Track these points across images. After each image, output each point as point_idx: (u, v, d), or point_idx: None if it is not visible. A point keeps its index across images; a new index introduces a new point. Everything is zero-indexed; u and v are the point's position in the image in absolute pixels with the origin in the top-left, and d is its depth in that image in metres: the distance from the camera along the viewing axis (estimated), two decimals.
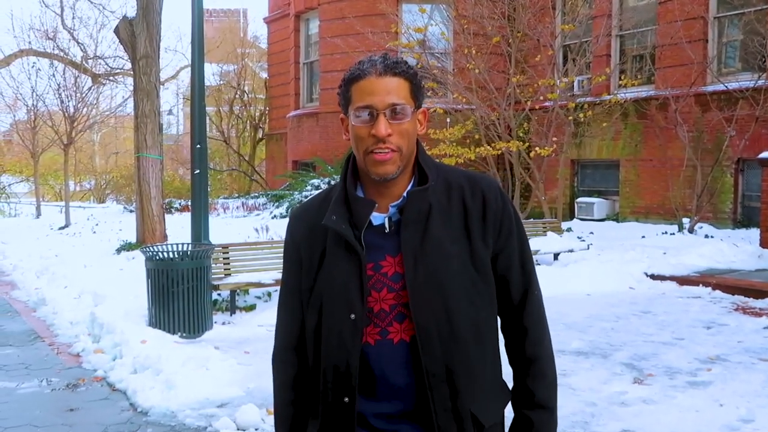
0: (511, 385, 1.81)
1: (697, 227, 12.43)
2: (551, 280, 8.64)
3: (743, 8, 13.07)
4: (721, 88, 12.82)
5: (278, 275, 7.63)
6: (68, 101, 19.88)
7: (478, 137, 13.97)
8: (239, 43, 31.25)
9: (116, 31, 12.49)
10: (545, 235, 11.33)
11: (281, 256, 1.89)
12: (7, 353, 6.73)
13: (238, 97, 29.24)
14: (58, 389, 5.64)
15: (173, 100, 37.25)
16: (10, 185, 30.18)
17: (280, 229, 11.30)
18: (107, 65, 20.14)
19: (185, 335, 6.93)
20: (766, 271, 9.56)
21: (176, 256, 7.08)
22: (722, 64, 13.83)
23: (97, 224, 17.70)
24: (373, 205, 1.70)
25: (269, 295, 8.55)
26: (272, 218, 14.93)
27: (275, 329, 1.87)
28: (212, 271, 7.52)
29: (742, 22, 13.27)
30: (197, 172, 8.92)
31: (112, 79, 20.80)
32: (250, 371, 5.67)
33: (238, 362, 5.90)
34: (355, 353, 1.65)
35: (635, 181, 14.72)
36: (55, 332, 7.53)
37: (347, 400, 1.67)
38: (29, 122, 22.64)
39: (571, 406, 4.81)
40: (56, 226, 19.00)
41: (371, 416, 1.68)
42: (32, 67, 20.97)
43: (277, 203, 16.77)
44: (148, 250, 7.20)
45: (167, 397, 5.15)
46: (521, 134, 14.26)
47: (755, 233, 11.51)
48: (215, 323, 7.47)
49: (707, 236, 11.92)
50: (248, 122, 29.54)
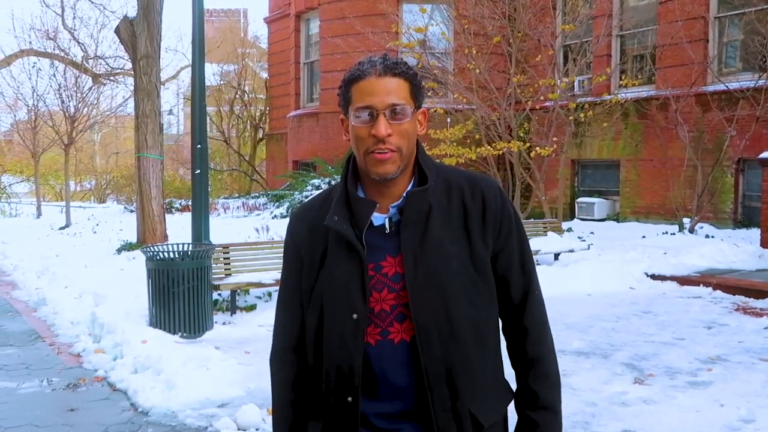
0: (514, 387, 1.81)
1: (697, 227, 12.43)
2: (552, 280, 8.64)
3: (744, 8, 13.06)
4: (721, 88, 12.81)
5: (278, 275, 7.61)
6: (69, 101, 19.88)
7: (478, 137, 13.97)
8: (239, 43, 31.25)
9: (117, 31, 12.50)
10: (546, 235, 11.32)
11: (281, 256, 1.89)
12: (7, 353, 6.73)
13: (238, 97, 29.23)
14: (58, 389, 5.64)
15: (174, 100, 37.29)
16: (10, 185, 30.22)
17: (280, 229, 11.30)
18: (108, 65, 20.14)
19: (186, 335, 6.93)
20: (766, 271, 9.55)
21: (177, 256, 7.08)
22: (723, 64, 13.82)
23: (97, 224, 17.70)
24: (374, 205, 1.70)
25: (270, 295, 8.55)
26: (273, 218, 14.94)
27: (274, 329, 1.87)
28: (213, 271, 7.52)
29: (742, 22, 13.26)
30: (198, 172, 8.92)
31: (112, 79, 20.78)
32: (250, 371, 5.67)
33: (238, 362, 5.91)
34: (357, 353, 1.65)
35: (636, 181, 14.72)
36: (55, 332, 7.53)
37: (350, 400, 1.67)
38: (30, 122, 22.63)
39: (571, 406, 4.80)
40: (57, 226, 19.00)
41: (372, 416, 1.68)
42: (33, 67, 20.99)
43: (277, 203, 16.78)
44: (148, 250, 7.20)
45: (168, 397, 5.15)
46: (522, 134, 14.25)
47: (756, 233, 11.50)
48: (216, 323, 7.48)
49: (708, 236, 11.92)
50: (248, 122, 29.53)
